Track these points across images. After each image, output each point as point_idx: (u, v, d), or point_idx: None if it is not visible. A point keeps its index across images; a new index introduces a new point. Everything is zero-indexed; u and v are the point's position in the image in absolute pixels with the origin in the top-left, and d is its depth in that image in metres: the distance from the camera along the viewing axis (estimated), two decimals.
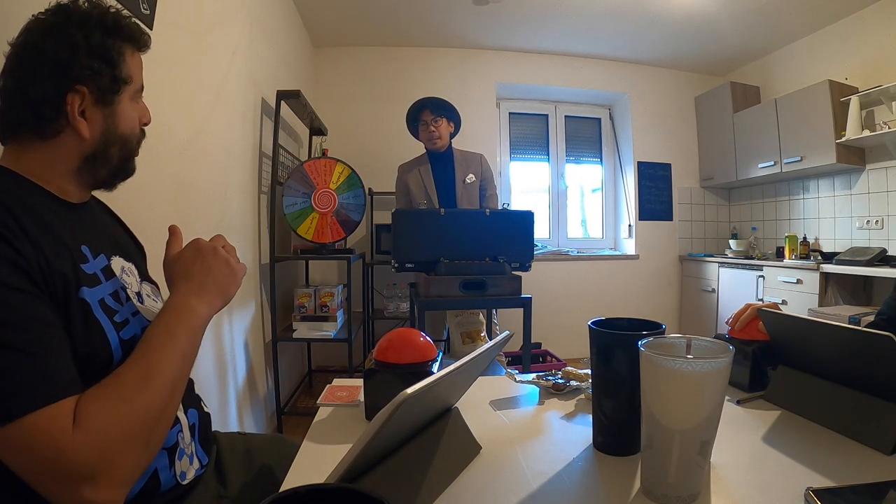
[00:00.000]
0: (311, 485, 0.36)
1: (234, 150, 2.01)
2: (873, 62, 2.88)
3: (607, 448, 0.64)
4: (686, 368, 0.48)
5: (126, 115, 0.68)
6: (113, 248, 0.72)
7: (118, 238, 0.79)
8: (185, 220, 1.51)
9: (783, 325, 0.80)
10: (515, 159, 4.05)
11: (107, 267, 0.67)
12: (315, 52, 3.57)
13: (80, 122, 0.62)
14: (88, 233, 0.67)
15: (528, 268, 2.06)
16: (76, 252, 0.61)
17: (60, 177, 0.65)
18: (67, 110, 0.61)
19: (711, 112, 3.90)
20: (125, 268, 0.73)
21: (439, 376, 0.49)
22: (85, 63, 0.61)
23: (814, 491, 0.51)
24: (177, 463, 0.69)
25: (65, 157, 0.64)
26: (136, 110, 0.71)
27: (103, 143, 0.66)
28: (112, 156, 0.67)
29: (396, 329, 0.82)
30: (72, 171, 0.65)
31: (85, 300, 0.58)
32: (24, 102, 0.60)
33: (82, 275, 0.60)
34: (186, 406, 0.74)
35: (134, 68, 0.69)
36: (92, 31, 0.62)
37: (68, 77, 0.61)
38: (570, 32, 3.44)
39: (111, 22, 0.65)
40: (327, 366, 3.45)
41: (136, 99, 0.71)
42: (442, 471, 0.57)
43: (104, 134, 0.65)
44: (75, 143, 0.63)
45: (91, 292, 0.60)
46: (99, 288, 0.62)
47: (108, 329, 0.60)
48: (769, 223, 3.75)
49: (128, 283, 0.71)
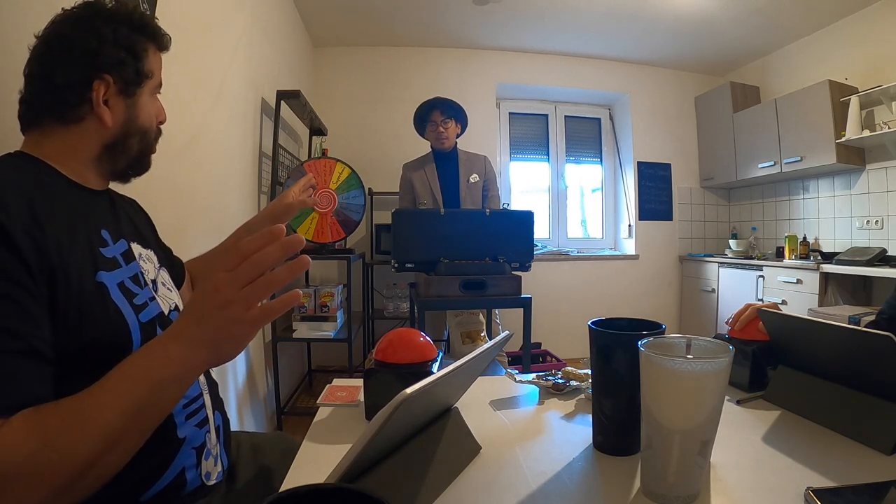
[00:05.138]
0: (311, 485, 0.36)
1: (234, 150, 2.01)
2: (873, 62, 2.88)
3: (607, 448, 0.64)
4: (686, 368, 0.48)
5: (146, 108, 0.70)
6: (132, 234, 0.74)
7: (137, 225, 0.80)
8: (185, 221, 1.51)
9: (783, 325, 0.80)
10: (515, 159, 4.04)
11: (127, 251, 0.68)
12: (315, 52, 3.57)
13: (104, 110, 0.64)
14: (108, 218, 0.69)
15: (528, 268, 2.06)
16: (95, 236, 0.62)
17: (80, 164, 0.66)
18: (92, 97, 0.63)
19: (711, 112, 3.90)
20: (143, 254, 0.74)
21: (439, 376, 0.49)
22: (112, 53, 0.64)
23: (814, 491, 0.51)
24: (203, 463, 0.69)
25: (86, 144, 0.65)
26: (155, 106, 0.73)
27: (123, 133, 0.67)
28: (131, 147, 0.69)
29: (396, 329, 0.82)
30: (92, 159, 0.66)
31: (103, 283, 0.59)
32: (50, 88, 0.62)
33: (101, 259, 0.61)
34: (214, 407, 0.75)
35: (155, 65, 0.72)
36: (119, 26, 0.66)
37: (95, 65, 0.63)
38: (570, 32, 3.44)
39: (138, 19, 0.69)
40: (327, 366, 3.44)
41: (155, 95, 0.74)
42: (442, 471, 0.57)
43: (125, 124, 0.67)
44: (97, 131, 0.65)
45: (109, 276, 0.61)
46: (118, 271, 0.63)
47: (127, 312, 0.61)
48: (769, 223, 3.75)
49: (145, 269, 0.72)
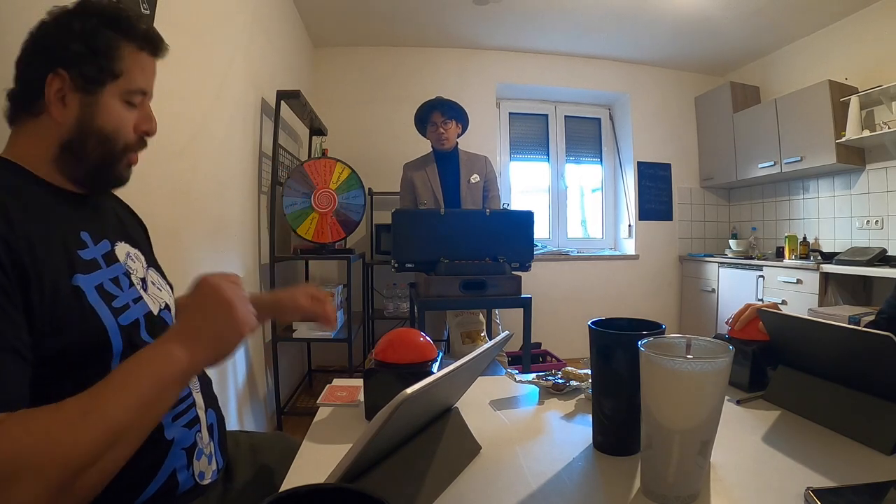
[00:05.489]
0: (311, 485, 0.36)
1: (233, 150, 2.01)
2: (873, 62, 2.88)
3: (607, 448, 0.64)
4: (686, 368, 0.48)
5: (110, 110, 0.66)
6: (117, 233, 0.73)
7: (124, 223, 0.79)
8: (184, 221, 1.51)
9: (783, 325, 0.80)
10: (515, 159, 4.04)
11: (109, 252, 0.67)
12: (315, 52, 3.57)
13: (55, 105, 0.63)
14: (90, 219, 0.68)
15: (528, 268, 2.06)
16: (72, 238, 0.62)
17: (45, 165, 0.64)
18: (46, 90, 0.62)
19: (711, 112, 3.90)
20: (130, 253, 0.72)
21: (439, 376, 0.49)
22: (71, 47, 0.63)
23: (814, 491, 0.51)
24: (195, 463, 0.69)
25: (45, 140, 0.64)
26: (129, 113, 0.68)
27: (78, 133, 0.64)
28: (88, 150, 0.65)
29: (396, 329, 0.82)
30: (52, 159, 0.64)
31: (79, 287, 0.58)
32: (19, 79, 0.65)
33: (78, 262, 0.60)
34: (206, 405, 0.74)
35: (132, 68, 0.67)
36: (89, 19, 0.64)
37: (52, 59, 0.63)
38: (570, 32, 3.44)
39: (110, 13, 0.66)
40: (327, 366, 3.44)
41: (132, 101, 0.68)
42: (442, 471, 0.57)
43: (79, 122, 0.64)
44: (53, 127, 0.64)
45: (86, 279, 0.60)
46: (97, 273, 0.62)
47: (105, 315, 0.60)
48: (769, 223, 3.75)
49: (132, 268, 0.71)
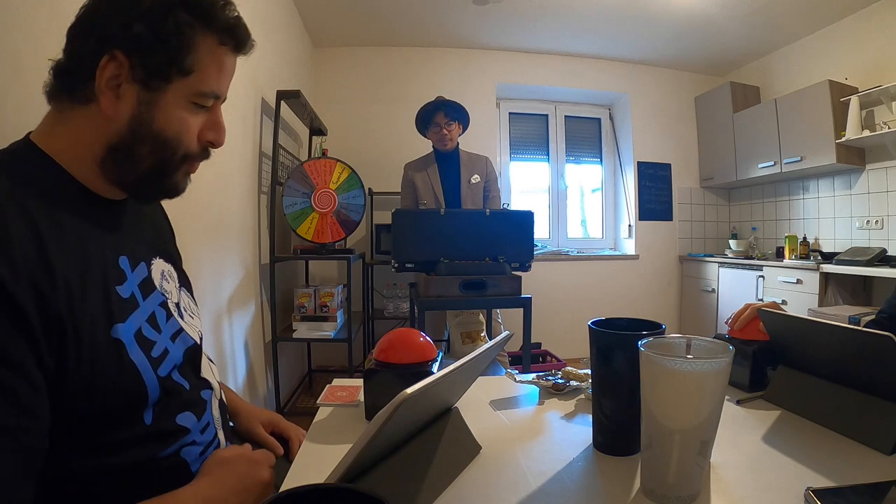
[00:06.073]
0: (311, 485, 0.36)
1: (233, 150, 2.01)
2: (873, 62, 2.88)
3: (607, 448, 0.64)
4: (686, 368, 0.48)
5: (172, 114, 0.57)
6: (153, 248, 0.67)
7: (159, 231, 0.74)
8: (184, 221, 1.51)
9: (783, 325, 0.80)
10: (515, 159, 4.04)
11: (146, 279, 0.62)
12: (315, 52, 3.57)
13: (106, 93, 0.53)
14: (127, 236, 0.61)
15: (528, 268, 2.06)
16: (111, 271, 0.56)
17: (87, 165, 0.56)
18: (97, 74, 0.53)
19: (711, 112, 3.90)
20: (165, 272, 0.67)
21: (439, 376, 0.49)
22: (134, 28, 0.52)
23: (814, 491, 0.51)
24: None
25: (90, 136, 0.55)
26: (195, 117, 0.59)
27: (131, 135, 0.55)
28: (140, 156, 0.56)
29: (396, 329, 0.82)
30: (97, 161, 0.56)
31: (119, 340, 0.53)
32: (68, 52, 0.55)
33: (116, 305, 0.54)
34: (226, 439, 0.74)
35: (208, 64, 0.57)
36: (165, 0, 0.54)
37: (108, 37, 0.53)
38: (571, 32, 3.44)
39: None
40: (327, 366, 3.44)
41: (202, 105, 0.59)
42: (442, 471, 0.57)
43: (133, 121, 0.55)
44: (102, 121, 0.55)
45: (126, 327, 0.54)
46: (135, 315, 0.57)
47: (145, 369, 0.55)
48: (769, 223, 3.75)
49: (167, 291, 0.66)
